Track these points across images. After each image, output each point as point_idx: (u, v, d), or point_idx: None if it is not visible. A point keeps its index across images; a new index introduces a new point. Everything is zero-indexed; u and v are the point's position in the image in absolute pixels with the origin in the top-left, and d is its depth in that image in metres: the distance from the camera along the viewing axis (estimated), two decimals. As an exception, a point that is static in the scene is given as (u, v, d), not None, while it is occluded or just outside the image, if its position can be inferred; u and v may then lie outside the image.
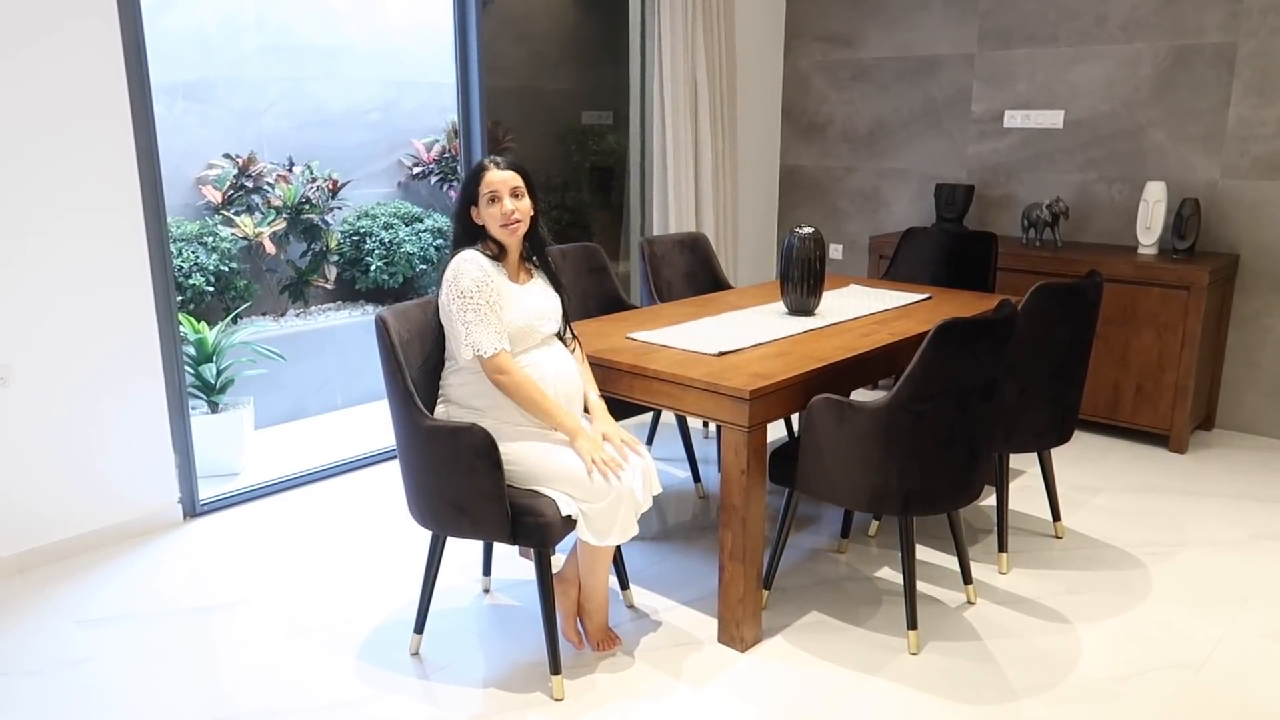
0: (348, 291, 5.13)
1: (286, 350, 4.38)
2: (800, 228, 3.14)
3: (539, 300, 2.42)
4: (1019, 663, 2.49)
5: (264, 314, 4.78)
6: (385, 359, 2.34)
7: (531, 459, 2.31)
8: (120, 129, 3.01)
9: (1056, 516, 3.23)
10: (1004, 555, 2.99)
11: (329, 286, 4.98)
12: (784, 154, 5.69)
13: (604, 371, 2.64)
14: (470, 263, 2.31)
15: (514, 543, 2.29)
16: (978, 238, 3.95)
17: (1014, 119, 4.76)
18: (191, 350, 3.75)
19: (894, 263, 4.15)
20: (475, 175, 2.38)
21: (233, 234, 4.41)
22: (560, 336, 2.51)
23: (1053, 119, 4.64)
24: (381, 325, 2.35)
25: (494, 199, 2.35)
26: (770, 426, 2.53)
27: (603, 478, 2.26)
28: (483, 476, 2.23)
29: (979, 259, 3.92)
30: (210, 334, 3.76)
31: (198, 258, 4.18)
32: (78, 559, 3.07)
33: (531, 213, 2.42)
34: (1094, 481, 3.75)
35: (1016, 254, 4.33)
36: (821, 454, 2.51)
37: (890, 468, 2.42)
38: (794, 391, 2.49)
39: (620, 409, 3.04)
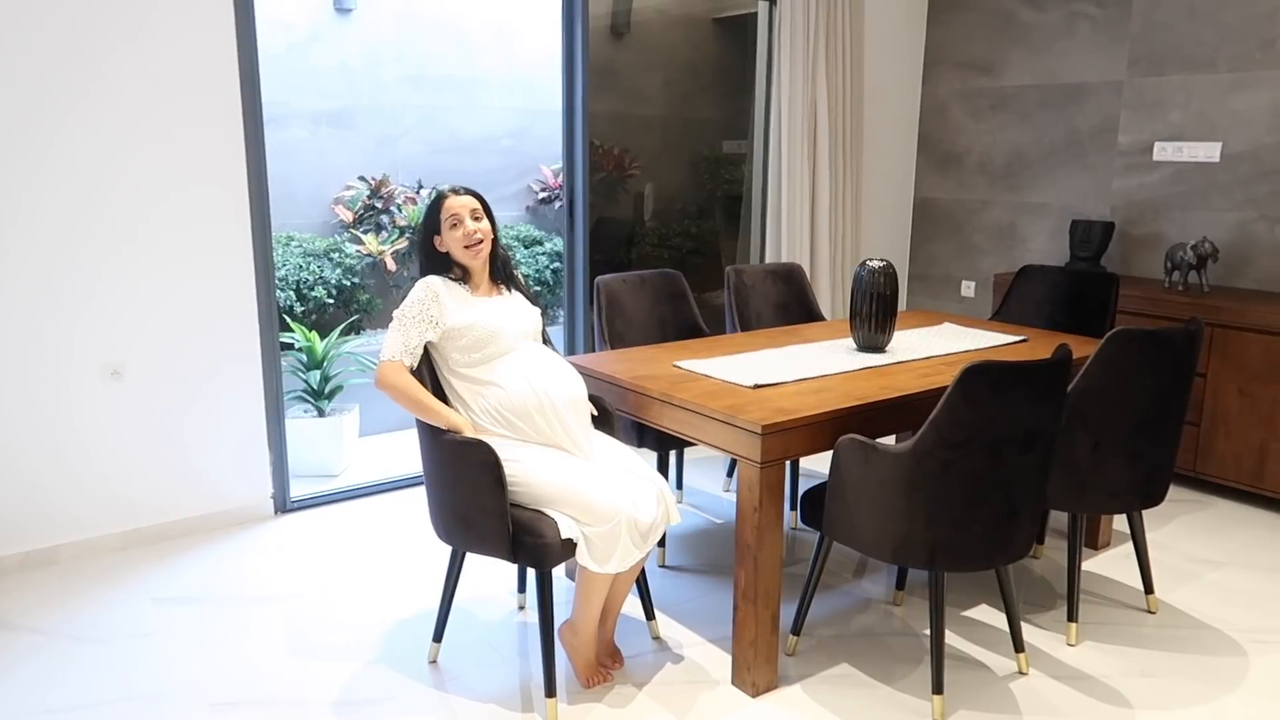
0: (467, 309, 5.34)
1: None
2: (871, 260, 3.01)
3: (512, 309, 2.48)
4: (1055, 745, 2.26)
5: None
6: (410, 372, 2.43)
7: (537, 479, 2.31)
8: (233, 149, 3.28)
9: (1149, 589, 2.90)
10: (1074, 625, 2.72)
11: (449, 304, 5.20)
12: (918, 185, 5.46)
13: (637, 397, 2.62)
14: (421, 286, 2.40)
15: (514, 561, 2.30)
16: (1098, 279, 3.64)
17: (1164, 151, 4.37)
18: (304, 357, 4.01)
19: (1006, 302, 3.88)
20: (435, 204, 2.44)
21: (358, 251, 4.70)
22: None
23: (1208, 151, 4.22)
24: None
25: (455, 223, 2.41)
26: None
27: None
28: (486, 492, 2.26)
29: (1098, 302, 3.61)
30: (320, 343, 4.02)
31: (322, 272, 4.47)
32: (173, 542, 3.34)
33: (492, 235, 2.48)
34: (1217, 555, 3.34)
35: (1152, 298, 3.96)
36: (847, 497, 2.38)
37: (915, 517, 2.26)
38: (820, 429, 2.38)
39: (657, 438, 3.03)
